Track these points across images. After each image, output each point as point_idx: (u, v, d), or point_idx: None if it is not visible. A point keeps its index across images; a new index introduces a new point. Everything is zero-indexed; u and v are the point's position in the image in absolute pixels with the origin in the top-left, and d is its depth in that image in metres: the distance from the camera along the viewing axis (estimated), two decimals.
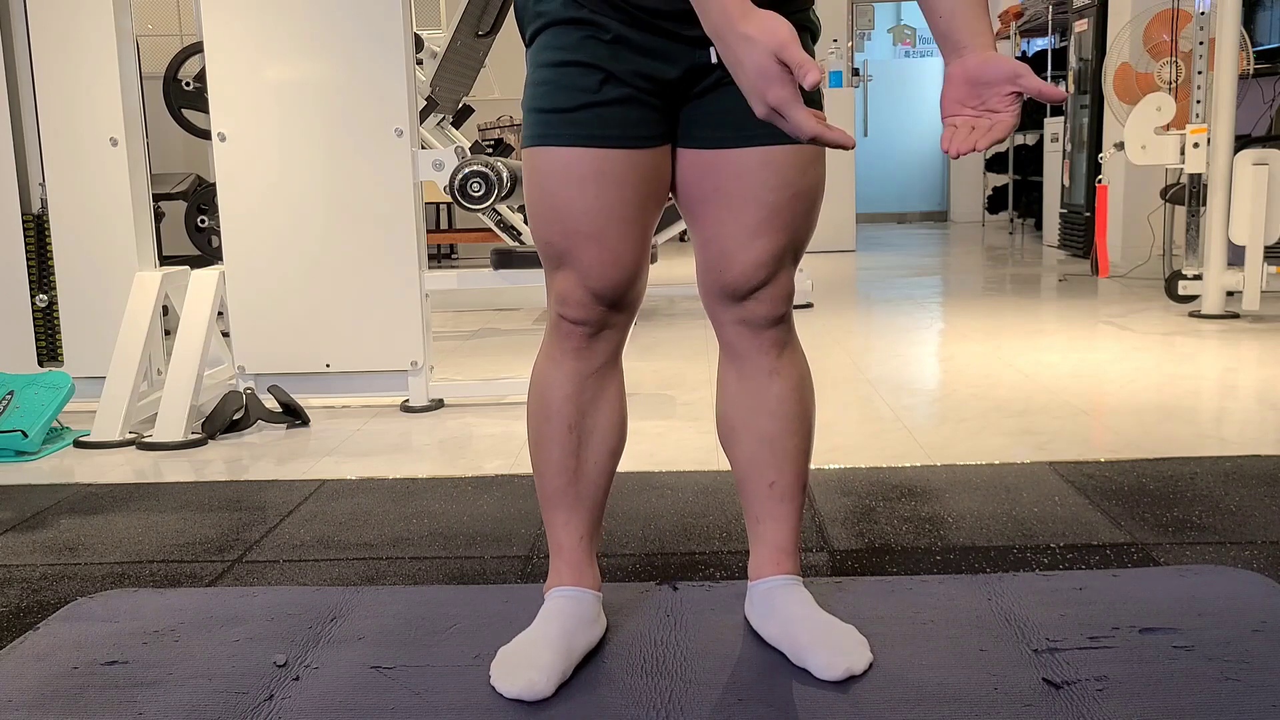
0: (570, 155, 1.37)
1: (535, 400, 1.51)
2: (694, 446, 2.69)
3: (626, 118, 1.36)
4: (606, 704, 1.36)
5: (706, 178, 1.42)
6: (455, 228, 8.09)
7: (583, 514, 1.52)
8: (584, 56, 1.35)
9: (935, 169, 11.21)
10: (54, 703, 1.42)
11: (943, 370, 3.63)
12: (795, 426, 1.51)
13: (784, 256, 1.44)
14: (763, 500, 1.53)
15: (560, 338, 1.47)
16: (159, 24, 7.19)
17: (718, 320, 1.50)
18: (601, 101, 1.35)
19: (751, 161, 1.39)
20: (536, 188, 1.41)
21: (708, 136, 1.40)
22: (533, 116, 1.39)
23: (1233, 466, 2.37)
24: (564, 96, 1.36)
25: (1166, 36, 5.21)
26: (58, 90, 3.12)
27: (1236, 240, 4.34)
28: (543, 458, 1.51)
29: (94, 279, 3.19)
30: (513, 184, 3.24)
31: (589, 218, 1.38)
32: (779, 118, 1.11)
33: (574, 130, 1.36)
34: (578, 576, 1.53)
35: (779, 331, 1.49)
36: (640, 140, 1.38)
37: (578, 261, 1.41)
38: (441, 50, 5.00)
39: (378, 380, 3.24)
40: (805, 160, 1.41)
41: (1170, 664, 1.43)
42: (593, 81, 1.35)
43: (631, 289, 1.45)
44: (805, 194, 1.42)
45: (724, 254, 1.43)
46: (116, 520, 2.25)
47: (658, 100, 1.38)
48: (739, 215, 1.41)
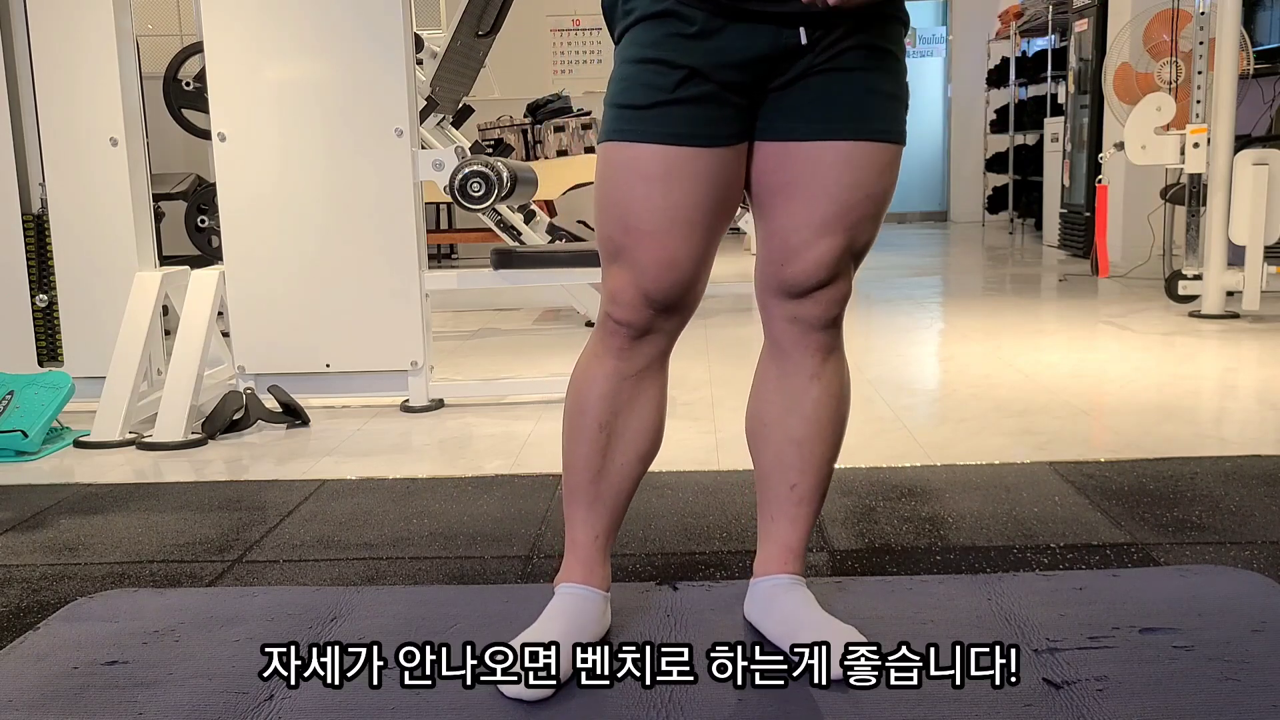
0: (640, 151, 1.36)
1: (572, 394, 1.50)
2: (694, 446, 2.69)
3: (702, 116, 1.35)
4: (606, 704, 1.36)
5: (781, 169, 1.40)
6: (455, 228, 8.09)
7: (602, 513, 1.51)
8: (665, 53, 1.34)
9: (935, 169, 11.20)
10: (54, 703, 1.42)
11: (943, 370, 3.63)
12: (827, 434, 1.50)
13: (846, 258, 1.43)
14: (781, 501, 1.53)
15: (605, 335, 1.46)
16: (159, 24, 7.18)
17: (769, 315, 1.49)
18: (677, 100, 1.34)
19: (829, 157, 1.38)
20: (605, 181, 1.40)
21: (787, 128, 1.38)
22: (610, 112, 1.39)
23: (1233, 466, 2.37)
24: (640, 93, 1.35)
25: (1166, 36, 5.21)
26: (58, 90, 3.12)
27: (1236, 240, 4.34)
28: (571, 451, 1.51)
29: (94, 279, 3.19)
30: (513, 184, 3.24)
31: (651, 216, 1.37)
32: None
33: (646, 127, 1.35)
34: (587, 575, 1.52)
35: (828, 336, 1.48)
36: (714, 139, 1.36)
37: (634, 260, 1.40)
38: (441, 50, 4.99)
39: (378, 380, 3.24)
40: (883, 163, 1.39)
41: (1170, 664, 1.43)
42: (670, 80, 1.34)
43: (686, 295, 1.43)
44: (877, 197, 1.41)
45: (787, 249, 1.42)
46: (116, 520, 2.25)
47: (739, 98, 1.36)
48: (808, 210, 1.39)
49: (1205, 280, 4.49)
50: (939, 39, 11.19)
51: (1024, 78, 9.13)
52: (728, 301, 5.18)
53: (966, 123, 10.56)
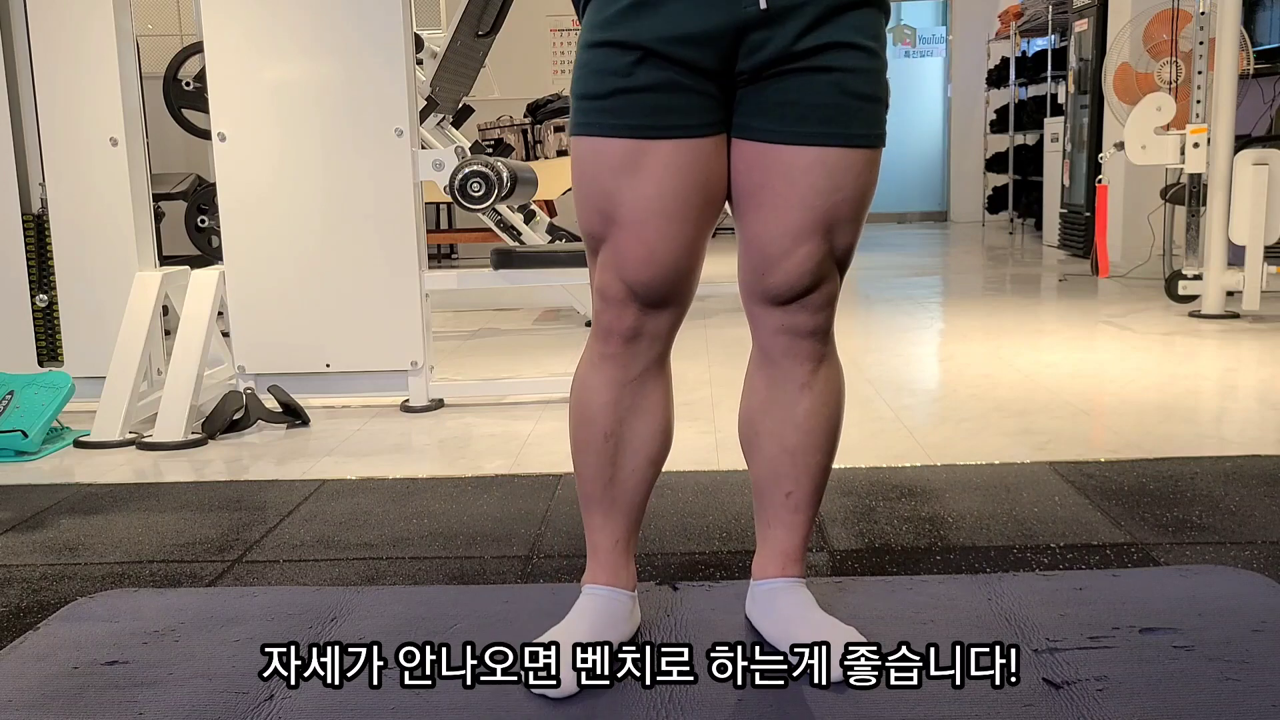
0: (603, 145, 1.32)
1: (574, 404, 1.48)
2: (694, 446, 2.69)
3: (666, 105, 1.30)
4: (607, 704, 1.36)
5: (755, 170, 1.35)
6: (455, 228, 8.09)
7: (619, 519, 1.49)
8: (618, 34, 1.29)
9: (935, 169, 11.20)
10: (54, 703, 1.42)
11: (943, 370, 3.63)
12: (821, 442, 1.48)
13: (828, 262, 1.38)
14: (777, 508, 1.51)
15: (599, 341, 1.43)
16: (159, 24, 7.18)
17: (756, 323, 1.45)
18: (635, 88, 1.29)
19: (805, 162, 1.32)
20: (577, 177, 1.37)
21: (762, 129, 1.33)
22: (574, 103, 1.36)
23: (1233, 466, 2.37)
24: (597, 81, 1.31)
25: (1166, 36, 5.21)
26: (58, 90, 3.12)
27: (1236, 240, 4.34)
28: (580, 462, 1.48)
29: (94, 279, 3.19)
30: (513, 184, 3.24)
31: (626, 209, 1.33)
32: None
33: (607, 119, 1.31)
34: (612, 577, 1.51)
35: (818, 343, 1.44)
36: (684, 130, 1.31)
37: (615, 254, 1.36)
38: (441, 50, 4.99)
39: (378, 380, 3.24)
40: (861, 164, 1.34)
41: (1170, 664, 1.43)
42: (624, 63, 1.29)
43: (672, 289, 1.38)
44: (855, 200, 1.36)
45: (767, 257, 1.38)
46: (116, 520, 2.25)
47: (707, 84, 1.31)
48: (785, 217, 1.35)
49: (1205, 280, 4.49)
50: (939, 39, 11.19)
51: (1024, 78, 9.13)
52: (727, 301, 5.18)
53: (966, 123, 10.56)
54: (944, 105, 11.03)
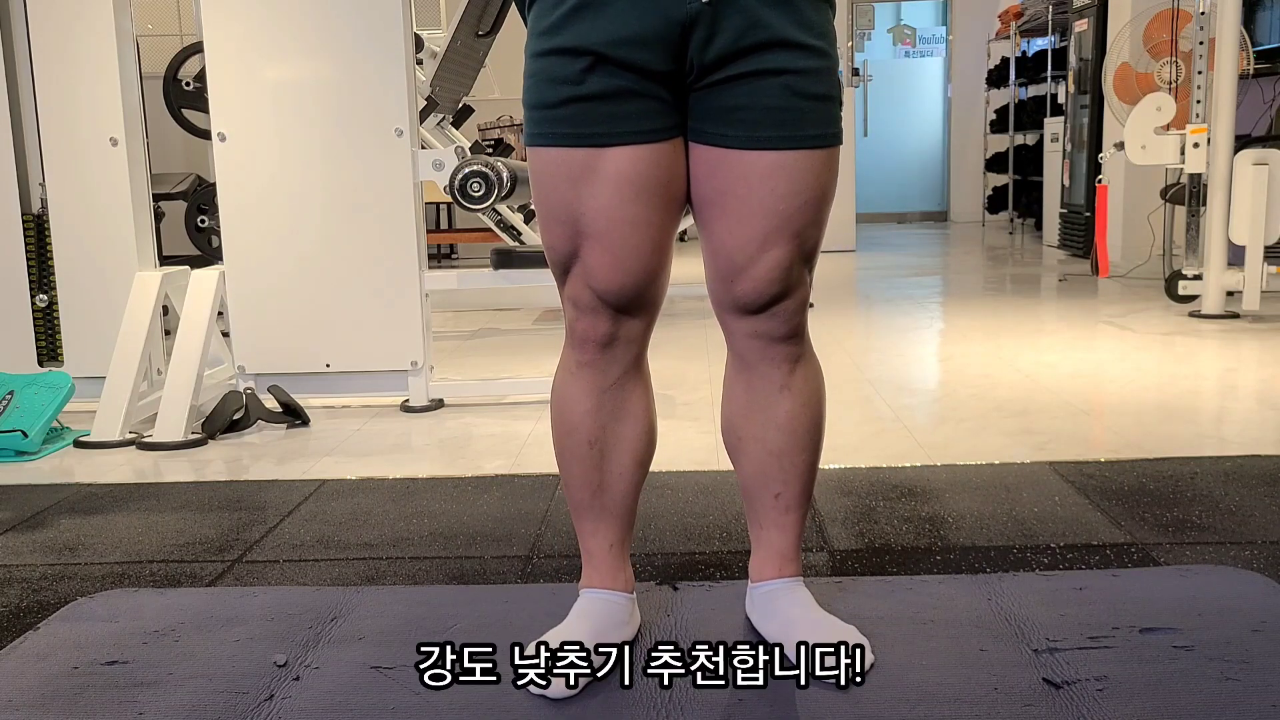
0: (560, 155, 1.31)
1: (556, 414, 1.47)
2: (694, 446, 2.69)
3: (619, 113, 1.29)
4: (607, 704, 1.36)
5: (714, 176, 1.34)
6: (455, 228, 8.09)
7: (611, 523, 1.50)
8: (566, 40, 1.28)
9: (935, 169, 11.20)
10: (54, 703, 1.42)
11: (943, 370, 3.63)
12: (805, 442, 1.47)
13: (797, 267, 1.37)
14: (767, 510, 1.51)
15: (575, 349, 1.42)
16: (159, 24, 7.18)
17: (728, 330, 1.44)
18: (587, 95, 1.28)
19: (762, 165, 1.31)
20: (536, 186, 1.37)
21: (717, 133, 1.32)
22: (526, 114, 1.35)
23: (1233, 466, 2.37)
24: (549, 90, 1.30)
25: (1166, 36, 5.21)
26: (58, 90, 3.12)
27: (1236, 240, 4.34)
28: (567, 470, 1.48)
29: (94, 279, 3.19)
30: (513, 184, 3.24)
31: (588, 218, 1.33)
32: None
33: (560, 129, 1.30)
34: (609, 580, 1.51)
35: (793, 345, 1.43)
36: (640, 135, 1.30)
37: (582, 263, 1.36)
38: (441, 50, 4.99)
39: (378, 380, 3.24)
40: (819, 165, 1.33)
41: (1170, 664, 1.43)
42: (575, 69, 1.28)
43: (642, 295, 1.38)
44: (816, 201, 1.35)
45: (733, 266, 1.36)
46: (116, 520, 2.25)
47: (659, 89, 1.30)
48: (748, 225, 1.33)
49: (1205, 280, 4.49)
50: (939, 39, 11.19)
51: (1024, 78, 9.13)
52: None
53: (966, 123, 10.57)
54: (944, 105, 11.04)
